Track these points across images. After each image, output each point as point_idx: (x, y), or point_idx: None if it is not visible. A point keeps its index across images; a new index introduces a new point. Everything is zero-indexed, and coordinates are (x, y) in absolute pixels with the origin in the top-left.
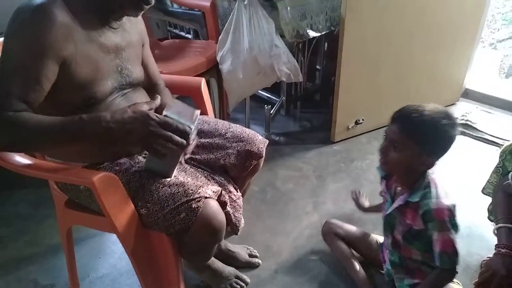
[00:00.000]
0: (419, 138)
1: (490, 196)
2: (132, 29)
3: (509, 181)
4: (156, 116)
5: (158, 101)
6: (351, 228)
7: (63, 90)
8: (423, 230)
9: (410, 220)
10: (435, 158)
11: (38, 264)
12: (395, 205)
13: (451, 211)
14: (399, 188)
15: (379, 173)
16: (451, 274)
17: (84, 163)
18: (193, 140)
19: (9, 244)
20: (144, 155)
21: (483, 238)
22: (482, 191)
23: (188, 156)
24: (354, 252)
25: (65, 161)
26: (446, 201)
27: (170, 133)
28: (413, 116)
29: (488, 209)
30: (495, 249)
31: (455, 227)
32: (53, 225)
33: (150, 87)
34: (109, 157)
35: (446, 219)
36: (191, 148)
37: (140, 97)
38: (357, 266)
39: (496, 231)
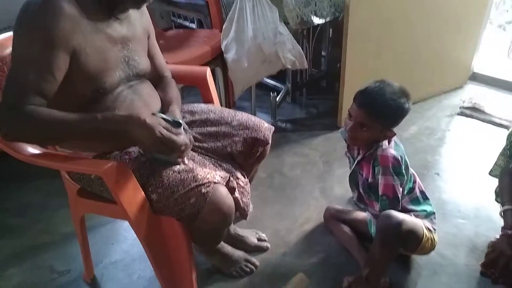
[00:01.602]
0: (383, 119)
1: (497, 178)
2: (138, 21)
3: None
4: (161, 132)
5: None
6: (352, 211)
7: (74, 81)
8: (375, 182)
9: (366, 173)
10: (394, 128)
11: (53, 251)
12: (356, 162)
13: (396, 159)
14: (360, 151)
15: (342, 136)
16: None
17: (94, 153)
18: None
19: (24, 233)
20: None
21: (490, 219)
22: (490, 173)
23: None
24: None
25: (75, 151)
26: (393, 150)
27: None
28: (377, 103)
29: (495, 191)
30: (501, 231)
31: (400, 175)
32: (66, 214)
33: (157, 78)
34: (118, 146)
35: (390, 166)
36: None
37: (146, 90)
38: (360, 247)
39: (502, 213)
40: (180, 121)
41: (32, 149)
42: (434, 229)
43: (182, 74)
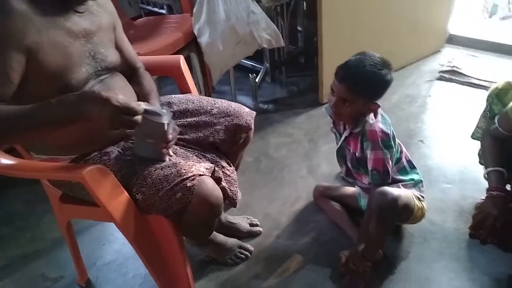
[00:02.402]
0: (365, 93)
1: (479, 141)
2: (101, 12)
3: (496, 125)
4: (119, 100)
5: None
6: (340, 187)
7: (36, 82)
8: (363, 156)
9: (353, 148)
10: (378, 100)
11: (44, 258)
12: (343, 138)
13: (384, 132)
14: (347, 126)
15: (327, 112)
16: None
17: (72, 156)
18: (173, 132)
19: (11, 243)
20: (131, 141)
21: (476, 181)
22: (472, 136)
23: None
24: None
25: (52, 156)
26: (381, 124)
27: (130, 118)
28: (358, 75)
29: (478, 154)
30: (486, 193)
31: (389, 148)
32: (53, 219)
33: (129, 71)
34: (96, 147)
35: (379, 140)
36: (172, 138)
37: (119, 83)
38: (351, 222)
39: (486, 175)
40: (165, 111)
41: (6, 160)
42: (423, 197)
43: (155, 65)
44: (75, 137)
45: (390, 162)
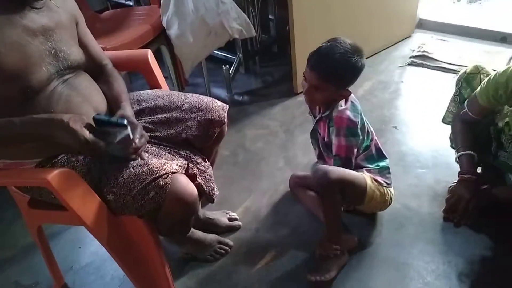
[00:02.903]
0: (336, 80)
1: (450, 125)
2: (61, 8)
3: (465, 109)
4: (85, 138)
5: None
6: None
7: None
8: (330, 140)
9: (322, 132)
10: (349, 87)
11: (17, 265)
12: (315, 121)
13: (351, 120)
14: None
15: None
16: None
17: (37, 160)
18: (140, 138)
19: None
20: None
21: (448, 165)
22: (442, 121)
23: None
24: None
25: (16, 159)
26: (348, 112)
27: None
28: (328, 63)
29: (450, 138)
30: (458, 176)
31: (355, 136)
32: (23, 225)
33: (95, 68)
34: (63, 149)
35: (344, 127)
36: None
37: (84, 82)
38: None
39: (457, 159)
40: (124, 122)
41: None
42: (388, 184)
43: (122, 60)
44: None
45: (355, 150)
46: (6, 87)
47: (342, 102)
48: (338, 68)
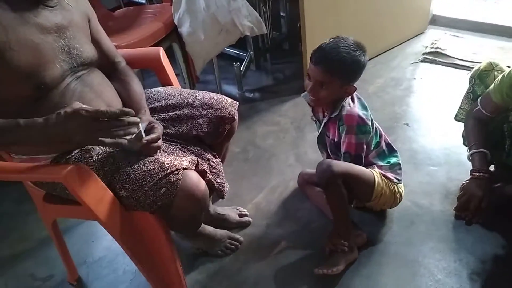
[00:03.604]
0: (341, 74)
1: (463, 123)
2: (73, 6)
3: (478, 106)
4: (85, 109)
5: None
6: None
7: (7, 83)
8: (340, 140)
9: (332, 134)
10: (354, 83)
11: (33, 258)
12: (323, 124)
13: (361, 118)
14: (326, 113)
15: (305, 100)
16: None
17: (53, 155)
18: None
19: (0, 243)
20: None
21: (460, 163)
22: (455, 118)
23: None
24: None
25: (32, 155)
26: (358, 109)
27: (105, 123)
28: (332, 57)
29: (462, 135)
30: (470, 174)
31: (365, 133)
32: (39, 219)
33: (108, 65)
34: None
35: (354, 124)
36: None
37: (97, 79)
38: None
39: (470, 157)
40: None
41: None
42: (399, 180)
43: (134, 58)
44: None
45: (365, 147)
46: (21, 85)
47: (350, 101)
48: (342, 61)
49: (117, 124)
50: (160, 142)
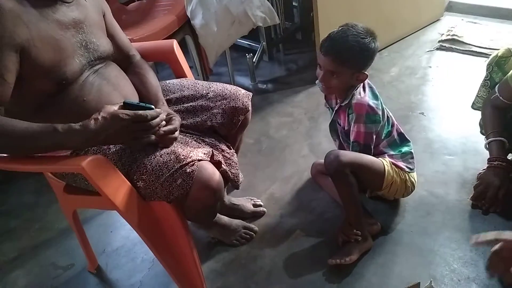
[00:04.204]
0: (351, 63)
1: (480, 111)
2: (88, 0)
3: (496, 94)
4: (126, 113)
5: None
6: None
7: (31, 78)
8: (350, 129)
9: (342, 121)
10: (366, 71)
11: (54, 247)
12: (334, 111)
13: (371, 107)
14: (338, 100)
15: (319, 88)
16: None
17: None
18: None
19: (22, 234)
20: None
21: (477, 152)
22: (472, 106)
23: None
24: None
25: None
26: (368, 98)
27: (144, 124)
28: (341, 46)
29: (479, 123)
30: (487, 163)
31: (375, 122)
32: (59, 209)
33: (123, 59)
34: None
35: (363, 113)
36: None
37: (114, 72)
38: None
39: (487, 146)
40: (152, 106)
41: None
42: (410, 169)
43: (148, 51)
44: None
45: (374, 136)
46: (42, 81)
47: (361, 89)
48: (351, 49)
49: (153, 125)
50: (177, 133)
